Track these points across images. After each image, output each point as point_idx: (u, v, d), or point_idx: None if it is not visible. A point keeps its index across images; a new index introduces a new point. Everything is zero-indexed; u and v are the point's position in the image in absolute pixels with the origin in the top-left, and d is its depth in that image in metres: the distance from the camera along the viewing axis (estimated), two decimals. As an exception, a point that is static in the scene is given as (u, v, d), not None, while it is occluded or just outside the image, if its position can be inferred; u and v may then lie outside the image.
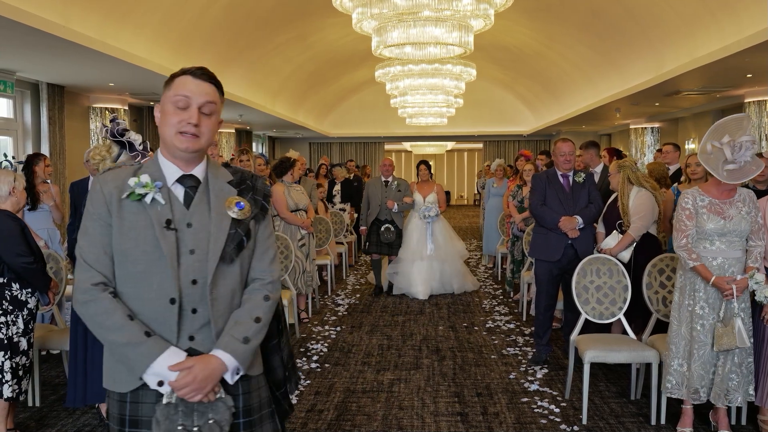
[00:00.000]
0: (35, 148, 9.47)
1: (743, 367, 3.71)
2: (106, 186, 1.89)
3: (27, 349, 3.82)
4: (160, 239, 1.83)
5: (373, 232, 8.04)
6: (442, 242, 8.18)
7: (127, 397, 1.87)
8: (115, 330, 1.80)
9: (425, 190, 8.23)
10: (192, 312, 1.85)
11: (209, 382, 1.80)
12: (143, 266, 1.84)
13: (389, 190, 8.00)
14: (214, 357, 1.82)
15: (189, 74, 1.89)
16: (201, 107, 1.87)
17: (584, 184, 5.21)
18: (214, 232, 1.88)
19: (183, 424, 1.81)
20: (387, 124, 21.84)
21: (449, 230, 8.50)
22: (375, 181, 8.23)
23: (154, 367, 1.79)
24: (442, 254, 8.17)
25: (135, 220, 1.86)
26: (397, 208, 7.94)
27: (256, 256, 1.97)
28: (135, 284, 1.85)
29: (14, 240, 3.69)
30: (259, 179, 2.04)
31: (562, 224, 5.11)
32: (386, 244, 8.00)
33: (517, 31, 12.74)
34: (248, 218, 1.93)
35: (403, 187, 8.05)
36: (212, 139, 1.93)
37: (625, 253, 4.85)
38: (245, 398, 1.94)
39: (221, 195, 1.93)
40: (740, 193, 3.77)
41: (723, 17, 7.91)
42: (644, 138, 16.99)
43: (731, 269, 3.70)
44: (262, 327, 1.91)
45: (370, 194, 8.10)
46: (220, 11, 9.32)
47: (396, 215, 7.99)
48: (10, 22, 5.81)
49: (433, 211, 8.08)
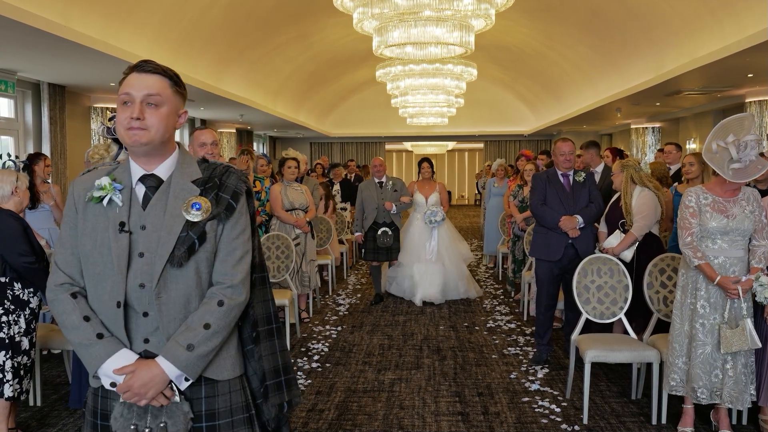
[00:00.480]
0: (36, 147, 9.47)
1: (746, 368, 3.70)
2: (76, 188, 1.91)
3: (29, 349, 3.82)
4: (113, 242, 1.83)
5: (369, 238, 7.58)
6: (446, 244, 7.77)
7: (99, 391, 1.91)
8: (71, 330, 1.83)
9: (427, 189, 7.79)
10: (143, 315, 1.84)
11: (150, 388, 1.78)
12: (100, 268, 1.84)
13: (385, 191, 7.58)
14: (155, 363, 1.80)
15: (134, 70, 1.87)
16: (143, 100, 1.83)
17: (584, 183, 5.21)
18: (164, 234, 1.83)
19: (135, 425, 1.83)
20: (388, 124, 21.86)
21: (453, 232, 8.08)
22: (368, 183, 7.76)
23: (103, 369, 1.81)
24: (445, 257, 7.74)
25: (96, 222, 1.87)
26: (395, 209, 7.53)
27: (218, 258, 1.90)
28: (94, 285, 1.86)
29: (17, 240, 3.70)
30: (232, 176, 1.95)
31: (562, 224, 5.11)
32: (384, 250, 7.55)
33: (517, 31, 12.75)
34: (205, 219, 1.86)
35: (398, 187, 7.66)
36: (166, 131, 1.86)
37: (627, 252, 4.86)
38: (208, 402, 1.90)
39: (181, 195, 1.87)
40: (744, 191, 3.76)
41: (724, 17, 7.90)
42: (645, 138, 16.99)
43: (732, 268, 3.70)
44: (213, 334, 1.82)
45: (365, 198, 7.61)
46: (220, 11, 9.32)
47: (395, 216, 7.57)
48: (11, 22, 5.82)
49: (440, 216, 7.60)
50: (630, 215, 4.87)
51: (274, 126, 19.01)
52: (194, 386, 1.88)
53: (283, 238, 6.03)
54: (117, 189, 1.86)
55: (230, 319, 1.88)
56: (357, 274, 9.82)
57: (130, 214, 1.86)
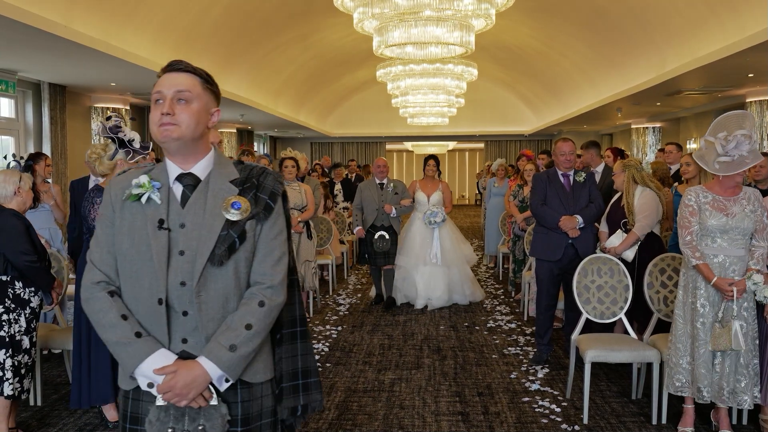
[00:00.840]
0: (37, 147, 9.48)
1: (749, 369, 3.69)
2: (113, 187, 1.92)
3: (29, 348, 3.82)
4: (152, 239, 1.82)
5: (367, 241, 7.35)
6: (449, 246, 7.46)
7: (130, 393, 1.88)
8: (108, 328, 1.81)
9: (429, 188, 7.49)
10: (183, 314, 1.82)
11: (192, 388, 1.76)
12: (138, 266, 1.83)
13: (385, 193, 7.31)
14: (198, 364, 1.78)
15: (165, 70, 1.90)
16: (173, 97, 1.84)
17: (585, 183, 5.21)
18: (205, 233, 1.83)
19: (173, 428, 1.80)
20: (388, 124, 21.85)
21: (456, 233, 7.75)
22: (369, 184, 7.49)
23: (141, 369, 1.78)
24: (448, 259, 7.43)
25: (133, 220, 1.86)
26: (395, 212, 7.26)
27: (257, 258, 1.88)
28: (131, 284, 1.85)
29: (19, 238, 3.71)
30: (269, 177, 1.94)
31: (562, 223, 5.11)
32: (381, 254, 7.27)
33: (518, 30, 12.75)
34: (245, 219, 1.85)
35: (400, 189, 7.38)
36: (197, 127, 1.86)
37: (629, 252, 4.86)
38: (244, 406, 1.88)
39: (220, 194, 1.87)
40: (746, 191, 3.76)
41: (725, 16, 7.90)
42: (646, 138, 16.98)
43: (732, 267, 3.69)
44: (254, 335, 1.81)
45: (365, 199, 7.36)
46: (221, 11, 9.33)
47: (394, 220, 7.30)
48: (12, 22, 5.82)
49: (440, 217, 7.27)
50: (632, 215, 4.88)
51: (275, 126, 19.01)
52: (230, 390, 1.85)
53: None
54: (155, 187, 1.87)
55: (270, 320, 1.87)
56: (357, 274, 9.82)
57: (169, 212, 1.86)
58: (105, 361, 3.94)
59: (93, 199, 3.94)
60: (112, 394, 3.98)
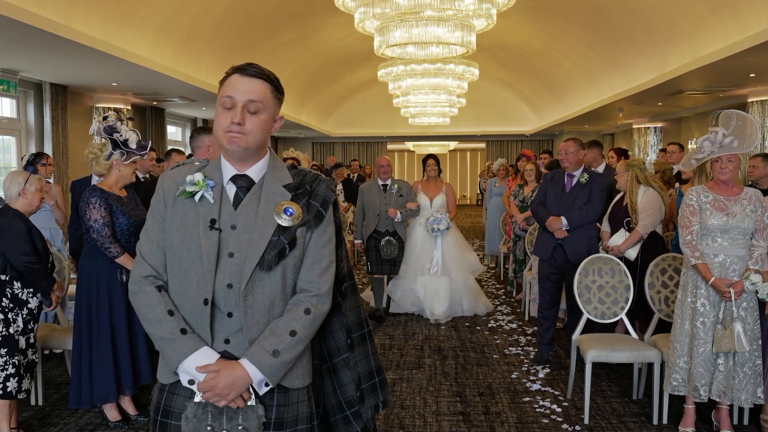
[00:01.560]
0: (38, 147, 9.49)
1: (746, 368, 3.70)
2: (166, 182, 1.91)
3: (25, 348, 3.82)
4: (202, 239, 1.83)
5: (372, 248, 6.72)
6: (452, 254, 6.92)
7: (167, 387, 1.89)
8: (155, 323, 1.82)
9: (432, 191, 6.95)
10: (228, 315, 1.83)
11: (233, 390, 1.77)
12: (187, 263, 1.84)
13: (389, 196, 6.68)
14: (240, 366, 1.78)
15: (237, 72, 1.84)
16: (245, 106, 1.81)
17: (587, 185, 5.19)
18: (256, 237, 1.83)
19: (211, 425, 1.81)
20: (390, 124, 21.84)
21: (460, 240, 7.21)
22: (371, 185, 6.84)
23: (185, 365, 1.79)
24: (451, 269, 6.89)
25: (185, 217, 1.86)
26: (400, 217, 6.63)
27: (305, 265, 1.88)
28: (179, 280, 1.86)
29: (20, 239, 3.71)
30: (321, 184, 1.94)
31: (548, 224, 5.14)
32: (388, 261, 6.69)
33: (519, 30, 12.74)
34: (296, 225, 1.85)
35: (405, 191, 6.75)
36: (263, 137, 1.87)
37: (632, 251, 4.88)
38: (278, 410, 1.87)
39: (273, 198, 1.87)
40: (746, 191, 3.78)
41: (726, 17, 7.89)
42: (647, 138, 16.96)
43: (733, 266, 3.70)
44: (298, 341, 1.82)
45: (366, 202, 6.75)
46: (222, 11, 9.33)
47: (399, 225, 6.68)
48: (14, 22, 5.82)
49: (444, 224, 6.71)
50: (635, 214, 4.90)
51: (276, 126, 19.02)
52: (267, 393, 1.85)
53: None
54: (209, 186, 1.86)
55: (314, 328, 1.88)
56: (358, 274, 9.82)
57: (221, 212, 1.85)
58: (106, 360, 3.94)
59: (88, 200, 3.89)
60: (113, 394, 3.98)
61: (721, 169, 3.73)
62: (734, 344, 3.61)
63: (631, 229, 4.91)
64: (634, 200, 4.94)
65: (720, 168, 3.74)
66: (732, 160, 3.72)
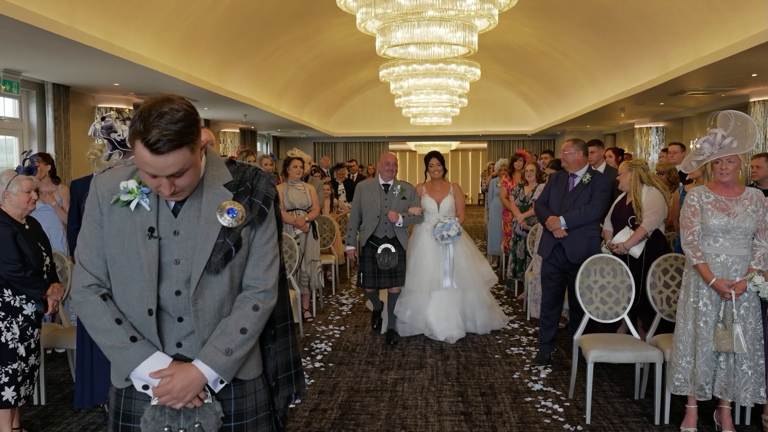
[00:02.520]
0: (41, 147, 9.50)
1: (745, 366, 3.69)
2: (100, 188, 1.87)
3: (26, 356, 3.73)
4: (141, 248, 1.79)
5: (368, 257, 5.91)
6: (464, 265, 6.11)
7: (123, 392, 1.89)
8: (103, 332, 1.81)
9: (438, 193, 6.15)
10: (178, 320, 1.84)
11: (189, 391, 1.79)
12: (128, 273, 1.82)
13: (390, 198, 5.92)
14: (194, 368, 1.80)
15: (147, 148, 1.67)
16: (170, 179, 1.73)
17: (589, 185, 5.19)
18: (200, 241, 1.81)
19: (169, 426, 1.82)
20: (391, 124, 21.84)
21: (472, 247, 6.36)
22: (371, 184, 6.06)
23: (137, 372, 1.80)
24: (463, 280, 6.10)
25: (122, 225, 1.82)
26: (402, 222, 5.85)
27: (250, 263, 1.89)
28: (122, 289, 1.84)
29: (2, 246, 3.64)
30: (262, 179, 1.92)
31: (547, 223, 5.16)
32: (386, 273, 5.87)
33: (521, 30, 12.74)
34: (241, 225, 1.84)
35: (409, 194, 5.97)
36: (198, 176, 1.81)
37: (636, 248, 4.90)
38: (237, 402, 1.90)
39: (214, 200, 1.84)
40: (748, 191, 3.78)
41: (728, 16, 7.89)
42: (649, 138, 16.95)
43: (735, 266, 3.70)
44: (249, 338, 1.84)
45: (365, 202, 5.95)
46: (224, 11, 9.34)
47: (400, 231, 5.90)
48: (16, 22, 5.84)
49: (454, 230, 5.92)
50: (640, 212, 4.93)
51: (278, 126, 19.02)
52: (224, 388, 1.88)
53: (286, 237, 6.04)
54: (144, 193, 1.82)
55: (263, 323, 1.89)
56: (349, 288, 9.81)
57: (159, 218, 1.82)
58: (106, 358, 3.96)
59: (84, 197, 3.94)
60: None
61: (722, 171, 3.73)
62: (733, 346, 3.61)
63: (635, 226, 4.93)
64: (639, 198, 4.97)
65: (720, 169, 3.74)
66: (732, 161, 3.72)
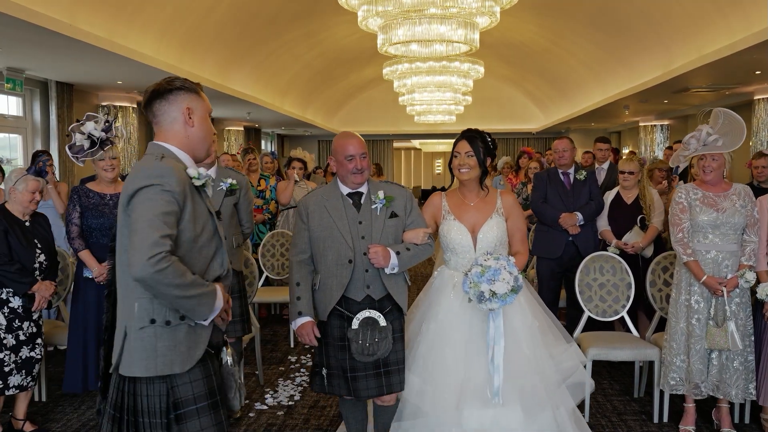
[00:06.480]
0: (44, 146, 9.54)
1: (737, 363, 3.71)
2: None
3: (16, 345, 3.80)
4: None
5: (332, 340, 3.12)
6: (526, 353, 3.13)
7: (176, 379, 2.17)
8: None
9: (474, 212, 3.31)
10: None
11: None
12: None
13: (366, 217, 3.14)
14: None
15: None
16: None
17: (585, 181, 5.22)
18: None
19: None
20: (395, 122, 21.83)
21: (539, 313, 3.30)
22: (324, 197, 3.19)
23: None
24: (526, 386, 3.08)
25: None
26: (396, 264, 3.05)
27: None
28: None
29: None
30: None
31: (562, 221, 5.13)
32: (370, 367, 3.08)
33: (524, 28, 12.71)
34: None
35: (400, 205, 3.17)
36: None
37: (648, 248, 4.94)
38: None
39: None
40: (735, 187, 3.80)
41: (731, 14, 7.86)
42: (654, 135, 16.90)
43: (725, 262, 3.70)
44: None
45: (318, 234, 3.13)
46: (227, 9, 9.35)
47: (392, 282, 3.12)
48: (19, 21, 5.86)
49: (506, 286, 2.94)
50: (651, 211, 4.98)
51: (282, 124, 19.03)
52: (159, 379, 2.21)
53: (288, 235, 6.06)
54: None
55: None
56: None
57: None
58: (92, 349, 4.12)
59: (71, 197, 4.22)
60: None
61: (704, 168, 3.73)
62: (728, 343, 3.61)
63: (644, 226, 4.94)
64: (650, 196, 5.01)
65: (703, 166, 3.73)
66: (716, 158, 3.71)
